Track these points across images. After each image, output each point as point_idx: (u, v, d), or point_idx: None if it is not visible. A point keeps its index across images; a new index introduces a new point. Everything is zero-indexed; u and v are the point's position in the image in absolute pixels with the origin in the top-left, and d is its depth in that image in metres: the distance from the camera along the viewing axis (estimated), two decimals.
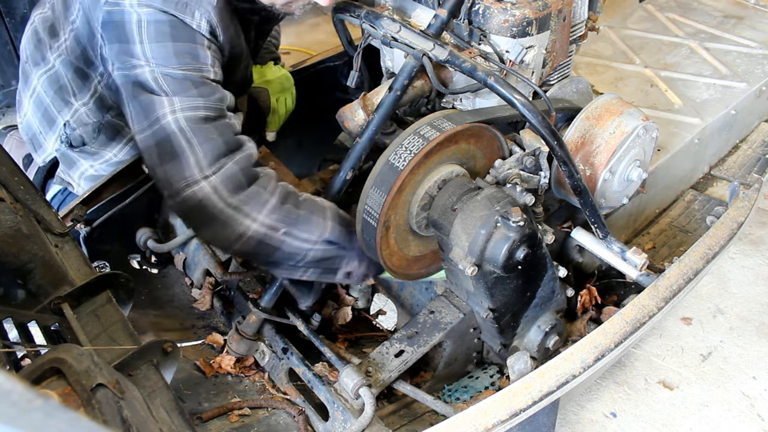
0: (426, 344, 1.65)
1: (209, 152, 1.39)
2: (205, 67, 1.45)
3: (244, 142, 1.47)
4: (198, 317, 1.92)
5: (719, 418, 1.89)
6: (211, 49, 1.47)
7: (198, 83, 1.43)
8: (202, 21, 1.44)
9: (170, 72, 1.41)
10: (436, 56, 1.54)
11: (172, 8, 1.41)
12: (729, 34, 2.74)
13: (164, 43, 1.41)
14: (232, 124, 1.47)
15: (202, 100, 1.42)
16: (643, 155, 1.75)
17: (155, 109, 1.40)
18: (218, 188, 1.38)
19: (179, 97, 1.40)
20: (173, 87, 1.41)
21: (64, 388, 0.90)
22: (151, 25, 1.41)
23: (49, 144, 1.90)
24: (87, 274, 1.37)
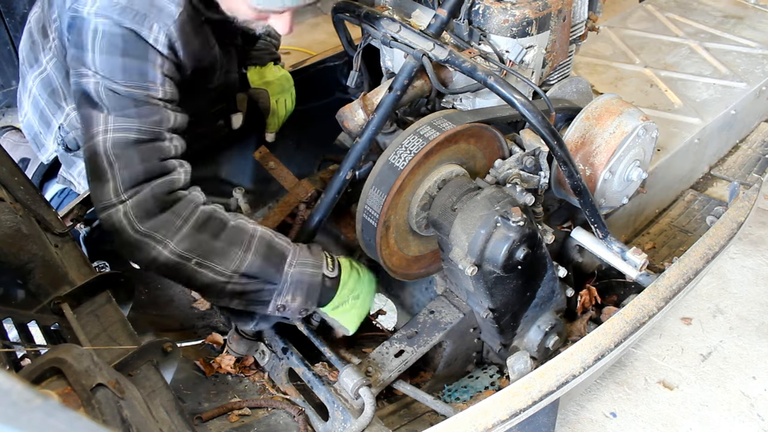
0: (426, 344, 1.65)
1: (127, 178, 1.38)
2: (153, 86, 1.42)
3: (169, 169, 1.44)
4: (198, 317, 1.92)
5: (719, 418, 1.89)
6: (163, 67, 1.43)
7: (139, 102, 1.41)
8: (160, 35, 1.41)
9: (114, 87, 1.39)
10: (436, 56, 1.54)
11: (129, 20, 1.38)
12: (729, 34, 2.74)
13: (114, 56, 1.39)
14: (162, 147, 1.43)
15: (137, 121, 1.40)
16: (643, 155, 1.75)
17: (92, 125, 1.40)
18: (129, 214, 1.38)
19: (114, 115, 1.39)
20: (113, 103, 1.40)
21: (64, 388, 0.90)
22: (105, 36, 1.39)
23: (49, 144, 1.90)
24: (87, 274, 1.37)
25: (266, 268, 1.47)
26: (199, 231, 1.42)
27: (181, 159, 1.47)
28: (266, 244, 1.48)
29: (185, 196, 1.44)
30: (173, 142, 1.46)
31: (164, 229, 1.40)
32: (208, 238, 1.43)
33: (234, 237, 1.45)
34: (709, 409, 1.91)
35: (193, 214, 1.42)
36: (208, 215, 1.45)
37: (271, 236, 1.51)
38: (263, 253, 1.46)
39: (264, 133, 2.11)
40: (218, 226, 1.45)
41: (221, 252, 1.43)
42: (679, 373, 2.01)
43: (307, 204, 1.85)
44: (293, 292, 1.49)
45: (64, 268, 1.35)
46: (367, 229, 1.55)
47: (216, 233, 1.44)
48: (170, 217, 1.40)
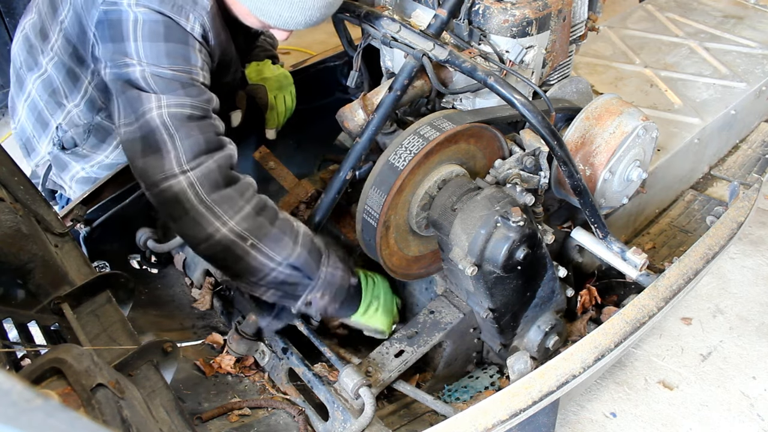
0: (426, 344, 1.65)
1: (190, 148, 1.40)
2: (195, 69, 1.47)
3: (226, 144, 1.48)
4: (198, 317, 1.92)
5: (719, 418, 1.89)
6: (201, 52, 1.49)
7: (186, 84, 1.45)
8: (196, 24, 1.47)
9: (160, 72, 1.43)
10: (436, 56, 1.54)
11: (168, 9, 1.44)
12: (729, 34, 2.74)
13: (157, 43, 1.44)
14: (216, 125, 1.48)
15: (188, 99, 1.44)
16: (643, 155, 1.75)
17: (142, 104, 1.42)
18: (195, 184, 1.39)
19: (166, 95, 1.42)
20: (161, 86, 1.43)
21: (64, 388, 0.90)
22: (146, 24, 1.44)
23: (42, 147, 1.91)
24: (87, 274, 1.37)
25: (310, 263, 1.50)
26: (259, 214, 1.45)
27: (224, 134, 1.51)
28: (310, 240, 1.52)
29: (244, 177, 1.48)
30: (218, 122, 1.50)
31: (227, 205, 1.41)
32: (266, 222, 1.45)
33: (286, 227, 1.49)
34: (709, 409, 1.91)
35: (254, 197, 1.46)
36: (264, 202, 1.49)
37: (312, 236, 1.55)
38: (309, 248, 1.50)
39: (264, 131, 2.11)
40: (273, 214, 1.49)
41: (276, 238, 1.46)
42: (679, 373, 2.01)
43: (307, 204, 1.85)
44: (324, 289, 1.53)
45: (64, 268, 1.35)
46: (367, 229, 1.55)
47: (272, 220, 1.47)
48: (233, 193, 1.43)
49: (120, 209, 1.97)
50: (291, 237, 1.49)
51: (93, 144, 1.86)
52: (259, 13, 1.45)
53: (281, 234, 1.47)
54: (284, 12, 1.41)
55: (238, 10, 1.53)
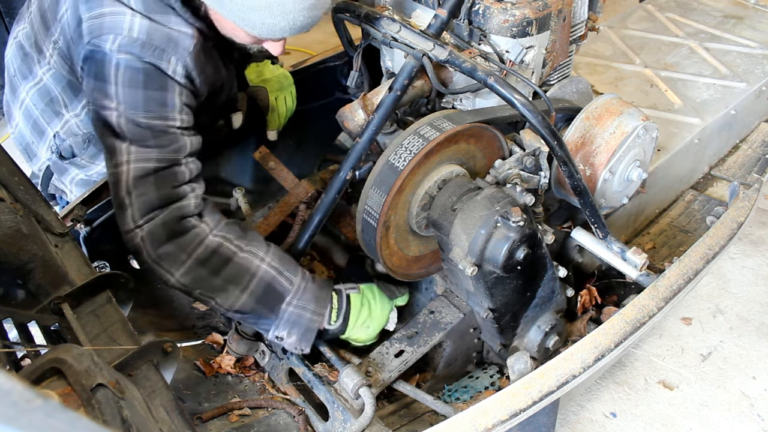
0: (426, 344, 1.65)
1: (142, 206, 1.47)
2: (171, 115, 1.49)
3: (183, 195, 1.50)
4: (198, 317, 1.92)
5: (719, 418, 1.89)
6: (182, 95, 1.51)
7: (158, 133, 1.48)
8: (178, 66, 1.48)
9: (135, 118, 1.46)
10: (436, 56, 1.54)
11: (149, 55, 1.45)
12: (729, 34, 2.74)
13: (135, 89, 1.46)
14: (179, 173, 1.50)
15: (156, 151, 1.48)
16: (643, 155, 1.75)
17: (115, 155, 1.48)
18: (145, 240, 1.47)
19: (136, 146, 1.47)
20: (134, 133, 1.47)
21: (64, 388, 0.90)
22: (126, 71, 1.46)
23: (42, 153, 1.91)
24: (87, 274, 1.37)
25: (259, 309, 1.53)
26: (201, 266, 1.48)
27: (194, 182, 1.54)
28: (265, 285, 1.52)
29: (193, 228, 1.50)
30: (189, 165, 1.53)
31: (170, 261, 1.47)
32: (207, 275, 1.49)
33: (234, 275, 1.50)
34: (709, 409, 1.91)
35: (196, 249, 1.48)
36: (212, 250, 1.49)
37: (274, 276, 1.53)
38: (258, 295, 1.52)
39: (265, 132, 2.11)
40: (220, 262, 1.50)
41: (219, 288, 1.50)
42: (679, 373, 2.01)
43: (307, 204, 1.85)
44: (289, 329, 1.55)
45: (64, 268, 1.35)
46: (367, 229, 1.55)
47: (217, 270, 1.49)
48: (175, 249, 1.47)
49: None
50: (238, 286, 1.50)
51: (92, 153, 1.86)
52: (244, 24, 1.43)
53: (225, 284, 1.50)
54: (267, 19, 1.40)
55: (225, 27, 1.52)
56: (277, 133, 2.11)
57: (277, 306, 1.53)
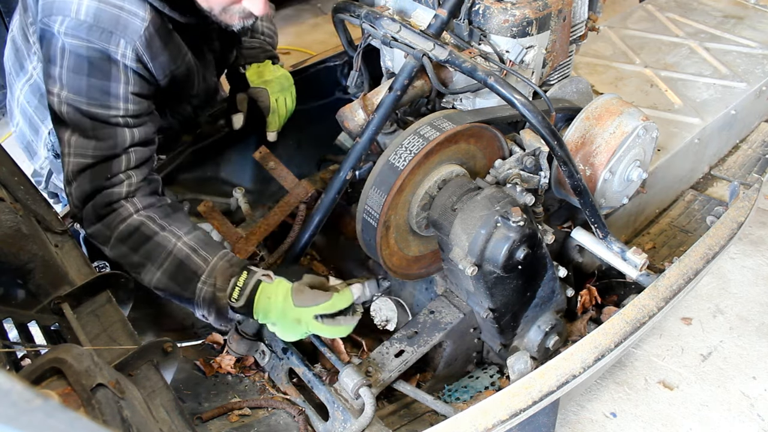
0: (426, 344, 1.65)
1: (79, 195, 1.53)
2: (115, 105, 1.48)
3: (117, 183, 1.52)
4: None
5: (719, 418, 1.89)
6: (129, 84, 1.49)
7: (98, 124, 1.48)
8: (127, 50, 1.45)
9: (77, 105, 1.46)
10: (436, 56, 1.54)
11: (96, 38, 1.42)
12: (729, 34, 2.74)
13: (80, 75, 1.45)
14: (114, 165, 1.52)
15: (93, 144, 1.49)
16: (643, 155, 1.75)
17: (61, 143, 1.52)
18: (83, 220, 1.56)
19: (76, 136, 1.49)
20: (74, 121, 1.48)
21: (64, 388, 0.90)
22: (72, 56, 1.44)
23: (41, 151, 1.91)
24: (87, 274, 1.37)
25: (174, 287, 1.52)
26: (122, 243, 1.53)
27: (132, 169, 1.54)
28: (177, 263, 1.51)
29: (118, 209, 1.53)
30: (129, 155, 1.53)
31: (99, 238, 1.55)
32: (128, 251, 1.53)
33: (151, 252, 1.52)
34: (709, 409, 1.91)
35: (118, 227, 1.52)
36: (133, 229, 1.52)
37: (188, 254, 1.52)
38: (171, 272, 1.51)
39: (265, 132, 2.11)
40: (140, 240, 1.52)
41: (139, 265, 1.53)
42: (679, 373, 2.01)
43: (307, 204, 1.85)
44: (207, 308, 1.52)
45: (64, 268, 1.35)
46: (367, 229, 1.55)
47: (136, 247, 1.52)
48: (102, 228, 1.53)
49: None
50: (155, 263, 1.51)
51: None
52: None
53: (144, 260, 1.52)
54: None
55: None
56: (276, 134, 2.11)
57: (191, 284, 1.50)
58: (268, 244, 1.91)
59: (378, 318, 1.74)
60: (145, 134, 1.56)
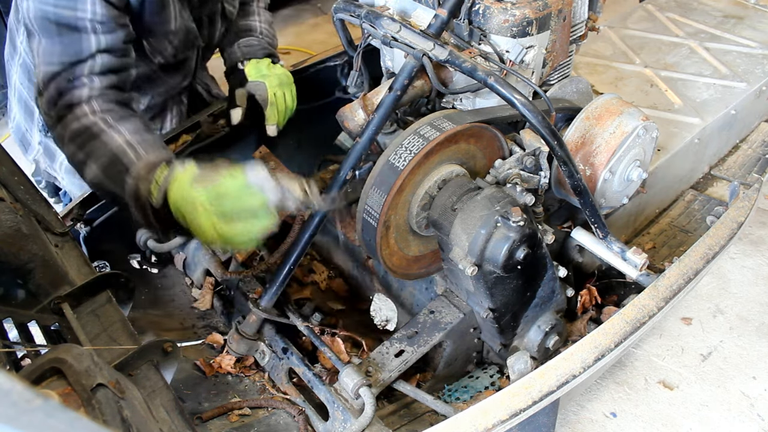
0: (426, 344, 1.65)
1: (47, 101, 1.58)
2: (81, 6, 1.53)
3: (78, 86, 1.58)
4: (198, 317, 1.92)
5: (719, 418, 1.89)
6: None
7: (65, 29, 1.53)
8: None
9: (45, 10, 1.51)
10: (436, 56, 1.54)
11: None
12: (729, 34, 2.74)
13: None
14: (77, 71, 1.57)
15: (59, 50, 1.55)
16: (643, 155, 1.75)
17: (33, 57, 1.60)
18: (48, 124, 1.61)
19: (43, 44, 1.55)
20: (42, 28, 1.53)
21: (64, 388, 0.91)
22: None
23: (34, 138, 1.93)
24: (87, 274, 1.37)
25: (106, 182, 1.52)
26: (72, 142, 1.56)
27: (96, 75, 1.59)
28: (111, 156, 1.50)
29: (76, 110, 1.57)
30: (95, 60, 1.59)
31: (58, 139, 1.60)
32: (75, 150, 1.56)
33: (95, 150, 1.53)
34: (709, 409, 1.91)
35: (71, 126, 1.56)
36: (84, 127, 1.54)
37: (125, 150, 1.50)
38: (105, 165, 1.51)
39: (265, 130, 2.11)
40: (88, 138, 1.54)
41: (82, 162, 1.56)
42: (679, 373, 2.01)
43: None
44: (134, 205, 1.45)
45: (64, 268, 1.35)
46: (367, 229, 1.55)
47: (83, 144, 1.55)
48: (60, 129, 1.59)
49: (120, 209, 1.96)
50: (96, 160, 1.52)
51: None
52: None
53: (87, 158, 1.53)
54: None
55: None
56: (276, 129, 2.10)
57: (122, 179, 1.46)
58: (268, 244, 1.91)
59: (378, 318, 1.74)
60: (113, 42, 1.60)
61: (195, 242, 1.93)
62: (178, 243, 1.90)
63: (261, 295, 1.72)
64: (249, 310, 1.70)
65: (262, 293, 1.73)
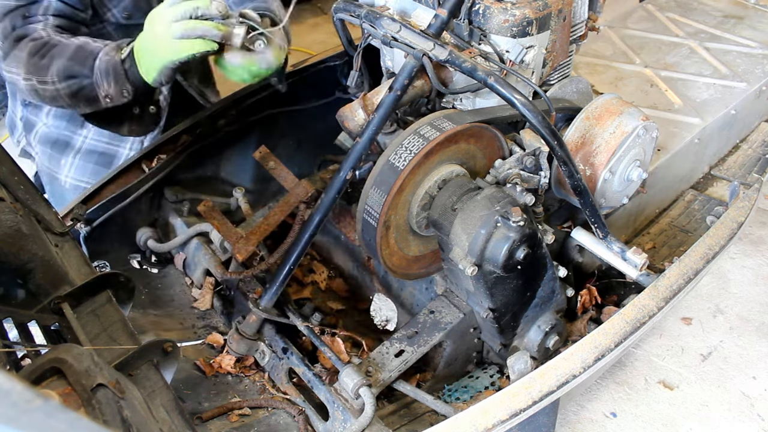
0: (426, 344, 1.65)
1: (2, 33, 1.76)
2: None
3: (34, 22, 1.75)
4: (198, 317, 1.92)
5: (719, 418, 1.89)
6: None
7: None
8: None
9: None
10: (436, 56, 1.54)
11: None
12: (729, 34, 2.74)
13: None
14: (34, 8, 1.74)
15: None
16: (643, 155, 1.75)
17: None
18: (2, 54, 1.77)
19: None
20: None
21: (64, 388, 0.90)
22: None
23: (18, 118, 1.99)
24: (87, 274, 1.37)
25: (74, 67, 1.68)
26: (31, 56, 1.71)
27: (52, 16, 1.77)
28: (76, 47, 1.70)
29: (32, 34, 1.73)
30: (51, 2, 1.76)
31: (13, 62, 1.73)
32: (37, 60, 1.71)
33: (56, 51, 1.70)
34: (709, 409, 1.91)
35: (26, 47, 1.72)
36: (42, 43, 1.72)
37: (87, 41, 1.72)
38: (71, 55, 1.69)
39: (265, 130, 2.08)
40: (46, 49, 1.71)
41: (46, 66, 1.70)
42: (679, 373, 2.01)
43: (307, 204, 1.85)
44: (106, 79, 1.66)
45: (64, 268, 1.35)
46: (367, 229, 1.55)
47: (43, 54, 1.71)
48: (17, 52, 1.74)
49: (120, 209, 1.97)
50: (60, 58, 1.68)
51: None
52: None
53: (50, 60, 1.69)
54: None
55: None
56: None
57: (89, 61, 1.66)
58: (268, 244, 1.91)
59: (378, 318, 1.74)
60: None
61: (195, 242, 1.93)
62: (178, 243, 1.90)
63: (261, 295, 1.72)
64: (249, 310, 1.70)
65: (262, 293, 1.73)
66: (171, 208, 2.01)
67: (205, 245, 1.91)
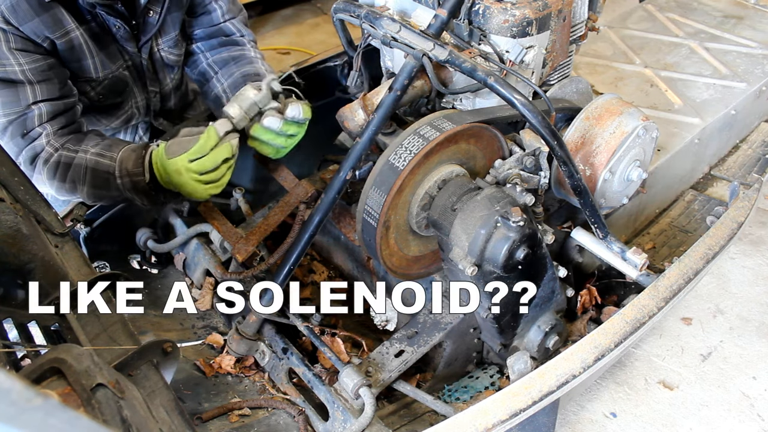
0: (426, 344, 1.65)
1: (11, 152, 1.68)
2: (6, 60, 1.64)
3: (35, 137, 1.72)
4: (198, 317, 1.92)
5: (719, 418, 1.89)
6: (9, 42, 1.63)
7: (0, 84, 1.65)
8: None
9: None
10: (436, 56, 1.54)
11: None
12: (729, 34, 2.75)
13: None
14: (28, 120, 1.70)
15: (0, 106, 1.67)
16: (643, 155, 1.75)
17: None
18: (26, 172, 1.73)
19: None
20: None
21: (64, 388, 0.90)
22: None
23: None
24: (87, 274, 1.37)
25: (100, 192, 1.76)
26: (54, 179, 1.75)
27: (48, 121, 1.73)
28: (92, 171, 1.73)
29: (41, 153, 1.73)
30: (41, 109, 1.71)
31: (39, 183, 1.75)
32: (61, 184, 1.76)
33: (75, 175, 1.74)
34: (709, 409, 1.91)
35: (43, 169, 1.74)
36: (56, 164, 1.74)
37: (97, 161, 1.73)
38: (91, 182, 1.74)
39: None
40: (65, 170, 1.74)
41: (72, 190, 1.76)
42: (679, 373, 2.01)
43: (307, 204, 1.85)
44: (135, 196, 1.75)
45: (64, 268, 1.35)
46: (367, 229, 1.55)
47: (63, 177, 1.75)
48: (37, 176, 1.76)
49: (120, 209, 1.97)
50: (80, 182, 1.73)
51: None
52: None
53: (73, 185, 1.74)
54: None
55: None
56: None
57: (111, 184, 1.72)
58: (268, 244, 1.91)
59: (378, 318, 1.74)
60: (51, 90, 1.72)
61: (195, 242, 1.93)
62: (178, 243, 1.90)
63: (261, 295, 1.72)
64: (249, 310, 1.70)
65: (262, 293, 1.73)
66: (171, 209, 2.01)
67: (205, 245, 1.91)
